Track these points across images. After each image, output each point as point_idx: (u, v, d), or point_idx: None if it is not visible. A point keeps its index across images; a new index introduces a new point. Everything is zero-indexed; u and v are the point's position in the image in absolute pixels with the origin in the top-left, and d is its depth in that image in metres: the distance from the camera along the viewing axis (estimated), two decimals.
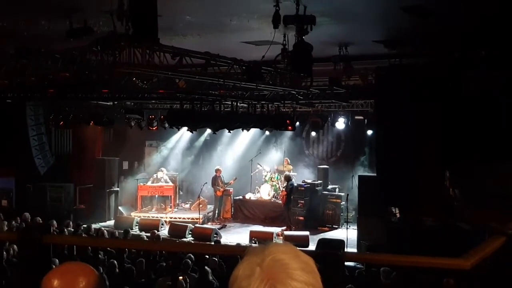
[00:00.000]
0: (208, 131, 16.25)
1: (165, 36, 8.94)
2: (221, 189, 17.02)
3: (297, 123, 14.63)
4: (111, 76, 9.16)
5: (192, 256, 9.80)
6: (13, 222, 13.53)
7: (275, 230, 14.91)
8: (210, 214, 17.35)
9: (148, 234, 13.20)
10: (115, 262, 9.12)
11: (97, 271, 1.98)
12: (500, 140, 9.50)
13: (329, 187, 16.81)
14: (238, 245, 11.20)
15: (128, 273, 8.89)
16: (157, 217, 16.50)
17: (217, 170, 17.17)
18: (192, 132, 10.67)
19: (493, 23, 8.60)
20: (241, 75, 9.21)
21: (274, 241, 11.92)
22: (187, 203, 18.58)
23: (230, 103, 11.75)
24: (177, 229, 14.89)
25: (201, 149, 19.06)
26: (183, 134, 18.49)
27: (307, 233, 14.02)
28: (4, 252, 9.88)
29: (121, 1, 5.94)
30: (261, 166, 17.96)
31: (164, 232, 14.99)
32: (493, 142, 9.53)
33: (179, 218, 16.79)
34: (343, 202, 15.37)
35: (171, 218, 16.71)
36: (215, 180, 17.03)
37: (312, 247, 2.94)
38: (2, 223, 13.24)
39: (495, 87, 10.10)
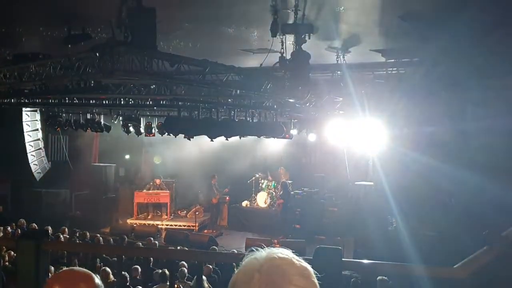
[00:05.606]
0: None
1: (164, 43, 8.98)
2: (217, 196, 17.01)
3: (294, 131, 14.62)
4: (108, 82, 9.17)
5: (187, 264, 9.78)
6: (9, 228, 13.47)
7: (272, 238, 14.89)
8: (206, 221, 17.32)
9: (144, 241, 13.16)
10: (108, 269, 9.08)
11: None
12: (497, 147, 9.54)
13: (326, 195, 16.81)
14: (234, 253, 11.16)
15: (124, 280, 8.85)
16: (153, 224, 16.46)
17: (212, 177, 17.16)
18: (190, 140, 10.64)
19: (489, 31, 8.64)
20: (239, 82, 9.22)
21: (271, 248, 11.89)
22: (183, 211, 18.55)
23: (227, 110, 11.77)
24: (173, 236, 14.86)
25: (198, 156, 19.00)
26: (180, 141, 18.41)
27: (303, 241, 13.99)
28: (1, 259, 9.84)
29: (120, 9, 5.95)
30: (257, 173, 17.95)
31: (160, 239, 14.95)
32: (490, 149, 9.55)
33: (175, 225, 16.77)
34: (340, 210, 15.34)
35: (167, 225, 16.68)
36: (211, 187, 17.02)
37: (309, 255, 2.93)
38: None
39: (493, 94, 10.15)
